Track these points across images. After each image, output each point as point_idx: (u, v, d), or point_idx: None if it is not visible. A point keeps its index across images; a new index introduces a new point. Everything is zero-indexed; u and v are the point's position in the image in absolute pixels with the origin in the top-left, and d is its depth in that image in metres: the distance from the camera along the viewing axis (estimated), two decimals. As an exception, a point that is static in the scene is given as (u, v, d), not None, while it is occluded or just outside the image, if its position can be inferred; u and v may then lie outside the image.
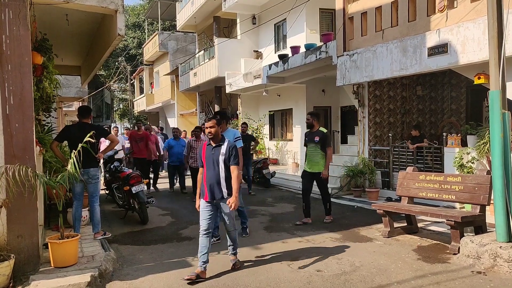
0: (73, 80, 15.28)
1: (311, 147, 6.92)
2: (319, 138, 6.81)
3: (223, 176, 4.59)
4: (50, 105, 6.97)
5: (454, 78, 10.69)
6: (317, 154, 6.87)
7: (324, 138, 6.83)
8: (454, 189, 5.69)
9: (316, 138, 6.83)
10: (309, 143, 6.97)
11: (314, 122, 6.96)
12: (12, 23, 4.37)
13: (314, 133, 6.92)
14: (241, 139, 6.24)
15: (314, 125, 6.97)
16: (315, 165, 6.91)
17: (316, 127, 6.97)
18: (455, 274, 4.49)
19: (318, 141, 6.81)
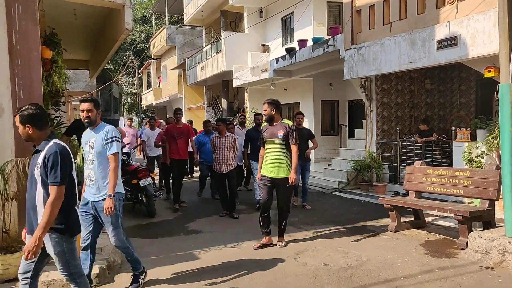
0: (82, 74, 15.39)
1: (273, 145, 5.41)
2: (283, 133, 5.35)
3: None
4: (59, 99, 7.02)
5: (463, 72, 10.57)
6: (281, 154, 5.38)
7: (291, 133, 5.38)
8: (463, 184, 5.65)
9: (279, 133, 5.35)
10: (269, 140, 5.45)
11: (273, 113, 5.48)
12: (21, 18, 4.42)
13: (275, 127, 5.45)
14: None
15: (275, 116, 5.49)
16: (278, 169, 5.37)
17: (277, 119, 5.51)
18: (463, 269, 4.48)
19: (282, 137, 5.34)
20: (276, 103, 5.55)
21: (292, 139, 5.36)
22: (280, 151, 5.39)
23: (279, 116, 5.54)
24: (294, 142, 5.35)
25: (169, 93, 26.36)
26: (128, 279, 4.33)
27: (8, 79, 4.38)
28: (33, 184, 2.97)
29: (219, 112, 19.80)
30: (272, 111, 5.47)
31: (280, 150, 5.38)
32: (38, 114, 2.97)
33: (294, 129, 5.40)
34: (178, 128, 7.96)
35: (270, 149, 5.42)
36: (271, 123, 5.49)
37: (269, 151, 5.43)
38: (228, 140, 7.31)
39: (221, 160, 7.26)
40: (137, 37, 37.46)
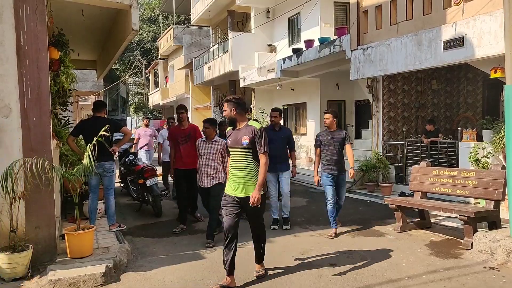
0: (89, 74, 15.49)
1: (237, 155, 4.21)
2: (248, 139, 4.11)
3: None
4: (67, 99, 7.09)
5: (470, 72, 10.51)
6: (247, 166, 4.15)
7: (259, 139, 4.13)
8: (468, 184, 5.63)
9: (243, 139, 4.12)
10: (232, 149, 4.25)
11: (234, 113, 4.22)
12: (29, 18, 4.48)
13: (239, 132, 4.20)
14: None
15: (237, 119, 4.25)
16: (244, 185, 4.14)
17: (242, 122, 4.25)
18: (468, 270, 4.46)
19: (247, 145, 4.12)
20: (237, 100, 4.24)
21: (260, 146, 4.12)
22: (245, 163, 4.15)
23: (243, 117, 4.29)
24: (262, 151, 4.11)
25: (176, 93, 26.47)
26: (134, 278, 4.38)
27: (16, 79, 4.44)
28: None
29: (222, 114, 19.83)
30: (232, 112, 4.21)
31: (245, 161, 4.15)
32: None
33: (262, 134, 4.14)
34: (182, 130, 6.57)
35: (234, 160, 4.24)
36: (234, 127, 4.31)
37: (232, 162, 4.27)
38: (214, 147, 5.79)
39: (203, 172, 5.79)
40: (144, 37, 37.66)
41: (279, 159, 6.27)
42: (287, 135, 6.57)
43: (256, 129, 4.15)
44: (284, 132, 6.58)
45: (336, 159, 6.00)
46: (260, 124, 4.34)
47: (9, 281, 4.16)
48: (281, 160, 6.36)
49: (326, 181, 6.02)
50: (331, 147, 6.02)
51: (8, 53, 4.40)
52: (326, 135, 6.12)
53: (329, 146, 6.04)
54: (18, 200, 4.29)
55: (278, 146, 6.27)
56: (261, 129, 4.17)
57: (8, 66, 4.41)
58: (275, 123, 6.52)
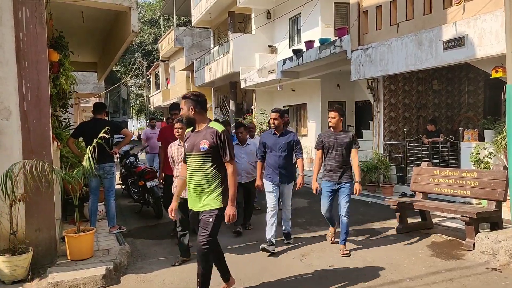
0: (90, 76, 15.53)
1: (195, 162, 3.59)
2: (208, 144, 3.50)
3: None
4: (67, 101, 7.09)
5: (471, 72, 10.48)
6: (205, 176, 3.56)
7: (222, 144, 3.53)
8: (470, 185, 5.61)
9: (202, 143, 3.51)
10: (189, 154, 3.65)
11: (192, 113, 3.59)
12: (28, 21, 4.47)
13: (198, 135, 3.60)
14: None
15: (196, 119, 3.63)
16: (199, 197, 3.59)
17: (201, 124, 3.64)
18: (470, 271, 4.44)
19: (207, 150, 3.52)
20: (196, 98, 3.61)
21: (224, 153, 3.52)
22: (204, 171, 3.54)
23: (204, 117, 3.66)
24: (227, 159, 3.52)
25: (177, 95, 26.44)
26: (135, 280, 4.36)
27: (15, 81, 4.44)
28: None
29: (226, 113, 19.84)
30: (191, 111, 3.58)
31: (204, 169, 3.54)
32: None
33: (226, 138, 3.53)
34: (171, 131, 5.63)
35: (191, 168, 3.61)
36: (193, 129, 3.69)
37: (190, 171, 3.62)
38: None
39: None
40: (145, 39, 37.74)
41: (281, 169, 5.37)
42: (291, 141, 5.44)
43: (218, 133, 3.52)
44: (287, 137, 5.46)
45: (339, 165, 5.17)
46: (222, 127, 3.63)
47: (9, 284, 4.15)
48: (283, 170, 5.39)
49: (324, 190, 5.30)
50: (334, 150, 5.19)
51: (7, 55, 4.40)
52: (330, 136, 5.25)
53: (332, 149, 5.21)
54: (18, 202, 4.28)
55: (279, 154, 5.37)
56: (224, 133, 3.55)
57: (8, 68, 4.41)
58: (277, 126, 5.45)
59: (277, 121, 5.46)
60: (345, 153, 5.18)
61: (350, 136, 5.24)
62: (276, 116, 5.46)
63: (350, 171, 5.24)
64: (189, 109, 3.59)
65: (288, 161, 5.47)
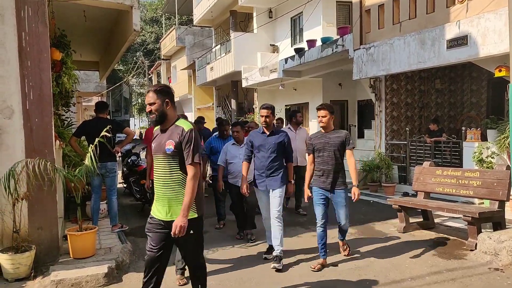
0: (92, 75, 15.55)
1: (160, 165, 3.16)
2: (174, 145, 3.06)
3: None
4: (69, 100, 7.11)
5: (474, 71, 10.44)
6: (171, 181, 3.11)
7: (186, 144, 3.06)
8: (472, 185, 5.59)
9: (168, 144, 3.07)
10: (155, 156, 3.20)
11: (170, 107, 3.14)
12: (31, 20, 4.48)
13: (165, 134, 3.15)
14: None
15: (168, 115, 3.15)
16: (168, 205, 3.12)
17: (169, 121, 3.17)
18: (472, 271, 4.43)
19: (172, 152, 3.07)
20: (169, 90, 3.21)
21: (187, 154, 3.05)
22: (170, 175, 3.10)
23: (174, 114, 3.18)
24: (189, 161, 3.05)
25: (179, 94, 26.48)
26: (136, 278, 4.37)
27: (18, 80, 4.45)
28: None
29: (228, 113, 19.84)
30: (166, 105, 3.11)
31: (170, 173, 3.10)
32: None
33: (192, 138, 3.05)
34: None
35: (158, 172, 3.18)
36: (162, 127, 3.20)
37: (157, 175, 3.19)
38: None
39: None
40: (147, 37, 37.76)
41: (270, 172, 4.82)
42: (280, 141, 4.87)
43: (184, 131, 3.06)
44: (277, 137, 4.89)
45: (331, 169, 4.60)
46: (190, 124, 3.14)
47: (12, 282, 4.17)
48: (272, 173, 4.84)
49: (316, 198, 4.71)
50: (325, 152, 4.62)
51: (10, 54, 4.41)
52: (320, 137, 4.71)
53: (322, 151, 4.64)
54: (21, 201, 4.29)
55: (267, 156, 4.83)
56: (192, 132, 3.06)
57: (10, 67, 4.42)
58: (268, 124, 4.90)
59: (269, 118, 4.88)
60: (338, 154, 4.62)
61: (343, 135, 4.66)
62: (267, 113, 4.87)
63: (345, 175, 4.69)
64: (164, 102, 3.10)
65: (278, 163, 4.87)
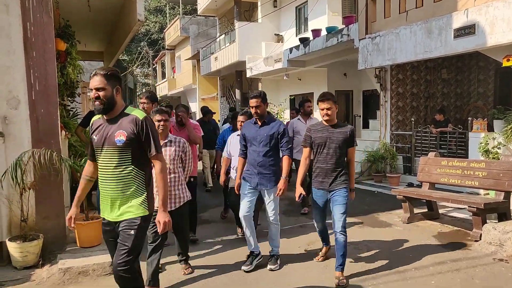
0: (97, 65, 15.53)
1: (108, 159, 2.80)
2: (127, 136, 2.74)
3: None
4: (74, 90, 7.13)
5: (482, 61, 10.34)
6: (123, 176, 2.78)
7: (146, 135, 2.77)
8: (478, 175, 5.57)
9: (118, 135, 2.74)
10: (101, 150, 2.81)
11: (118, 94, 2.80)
12: (36, 10, 4.48)
13: (113, 124, 2.78)
14: None
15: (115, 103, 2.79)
16: (119, 203, 2.80)
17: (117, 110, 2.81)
18: (476, 261, 4.43)
19: (124, 144, 2.74)
20: (118, 74, 2.84)
21: (149, 146, 2.77)
22: (122, 171, 2.76)
23: (121, 100, 2.82)
24: (153, 152, 2.79)
25: (184, 84, 26.46)
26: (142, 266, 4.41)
27: (23, 71, 4.46)
28: None
29: (232, 103, 19.81)
30: (116, 91, 2.76)
31: (121, 169, 2.76)
32: None
33: (150, 126, 2.77)
34: None
35: (104, 167, 2.80)
36: (108, 116, 2.80)
37: (103, 171, 2.81)
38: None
39: None
40: (151, 27, 37.61)
41: (261, 169, 4.27)
42: (274, 132, 4.28)
43: (139, 120, 2.73)
44: (270, 128, 4.30)
45: (330, 168, 4.07)
46: (142, 112, 2.82)
47: (20, 269, 4.24)
48: (264, 170, 4.28)
49: (313, 201, 4.33)
50: (325, 149, 4.07)
51: (15, 45, 4.42)
52: (321, 130, 4.12)
53: (323, 147, 4.08)
54: (28, 190, 4.34)
55: (259, 150, 4.28)
56: (147, 120, 2.77)
57: (16, 58, 4.43)
58: (259, 115, 4.29)
59: (260, 108, 4.26)
60: (340, 152, 4.06)
61: (347, 131, 4.07)
62: (256, 103, 4.25)
63: (347, 174, 4.15)
64: (114, 89, 2.74)
65: (271, 158, 4.31)
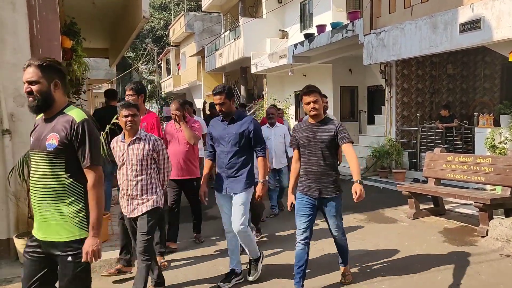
0: (102, 62, 15.56)
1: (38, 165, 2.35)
2: (59, 140, 2.28)
3: None
4: (80, 87, 7.15)
5: (488, 56, 10.25)
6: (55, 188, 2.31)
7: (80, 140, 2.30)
8: (484, 171, 5.54)
9: (49, 138, 2.29)
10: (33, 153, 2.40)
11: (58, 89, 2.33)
12: (41, 8, 4.49)
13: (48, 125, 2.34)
14: None
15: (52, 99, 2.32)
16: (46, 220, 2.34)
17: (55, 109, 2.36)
18: (482, 257, 4.42)
19: (55, 149, 2.28)
20: (54, 66, 2.34)
21: (83, 154, 2.32)
22: (53, 181, 2.32)
23: (63, 98, 2.39)
24: (87, 163, 2.32)
25: (188, 80, 26.48)
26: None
27: (30, 68, 4.47)
28: None
29: (237, 99, 19.83)
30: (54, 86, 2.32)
31: (53, 178, 2.32)
32: None
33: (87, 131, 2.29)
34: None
35: (35, 175, 2.37)
36: (46, 115, 2.38)
37: (34, 178, 2.38)
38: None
39: None
40: (156, 24, 37.61)
41: (231, 171, 3.78)
42: (244, 130, 3.76)
43: (75, 123, 2.28)
44: (239, 126, 3.79)
45: (317, 171, 3.52)
46: (83, 114, 2.34)
47: (27, 266, 4.26)
48: (234, 173, 3.78)
49: (298, 206, 3.61)
50: (310, 150, 3.54)
51: (21, 42, 4.44)
52: (305, 129, 3.59)
53: (307, 148, 3.55)
54: (35, 187, 4.35)
55: (227, 150, 3.78)
56: (86, 123, 2.29)
57: (22, 55, 4.44)
58: (225, 112, 3.78)
59: (225, 105, 3.74)
60: (328, 153, 3.52)
61: (333, 128, 3.50)
62: (220, 99, 3.71)
63: (338, 179, 3.63)
64: (51, 82, 2.30)
65: (242, 159, 3.79)
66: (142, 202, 3.52)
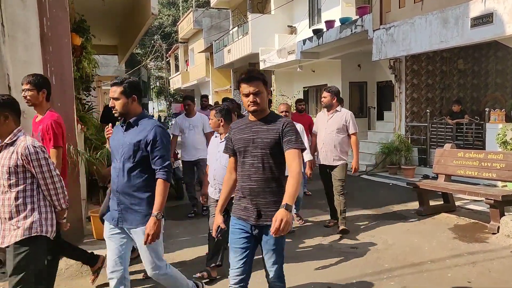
0: (111, 59, 15.67)
1: None
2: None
3: None
4: (90, 84, 7.21)
5: (500, 50, 10.11)
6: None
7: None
8: (495, 167, 5.48)
9: None
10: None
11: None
12: (52, 5, 4.52)
13: None
14: None
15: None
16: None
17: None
18: (493, 254, 4.38)
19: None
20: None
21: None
22: None
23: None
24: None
25: (197, 77, 26.54)
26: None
27: (40, 65, 4.51)
28: None
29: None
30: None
31: None
32: None
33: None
34: None
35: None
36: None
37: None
38: None
39: None
40: (164, 21, 37.73)
41: (123, 196, 2.80)
42: (141, 140, 2.73)
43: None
44: (136, 133, 2.78)
45: (255, 187, 2.56)
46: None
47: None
48: (127, 198, 2.80)
49: (232, 236, 2.65)
50: (247, 157, 2.59)
51: (32, 39, 4.47)
52: (243, 129, 2.65)
53: (244, 154, 2.61)
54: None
55: (119, 167, 2.80)
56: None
57: (33, 52, 4.48)
58: (120, 112, 2.82)
59: (121, 101, 2.77)
60: (272, 162, 2.56)
61: (279, 127, 2.55)
62: (113, 93, 2.78)
63: (281, 197, 2.41)
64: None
65: (139, 180, 2.78)
66: (13, 228, 2.61)
